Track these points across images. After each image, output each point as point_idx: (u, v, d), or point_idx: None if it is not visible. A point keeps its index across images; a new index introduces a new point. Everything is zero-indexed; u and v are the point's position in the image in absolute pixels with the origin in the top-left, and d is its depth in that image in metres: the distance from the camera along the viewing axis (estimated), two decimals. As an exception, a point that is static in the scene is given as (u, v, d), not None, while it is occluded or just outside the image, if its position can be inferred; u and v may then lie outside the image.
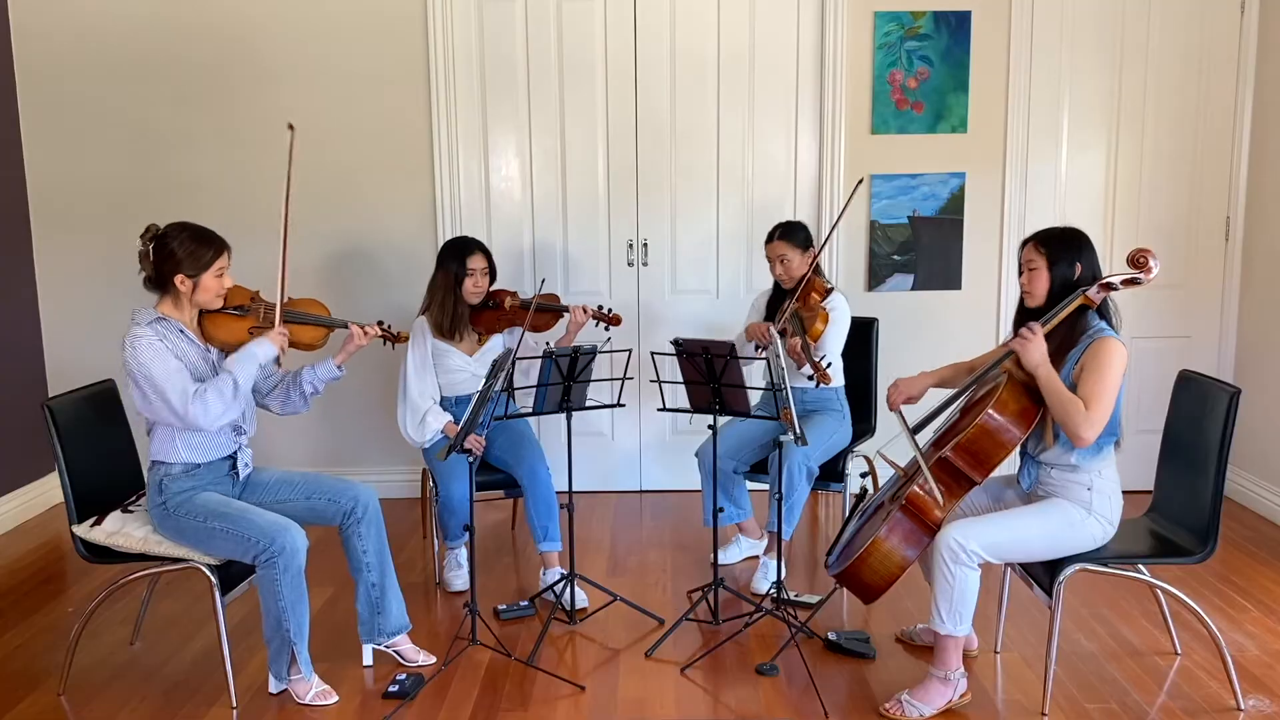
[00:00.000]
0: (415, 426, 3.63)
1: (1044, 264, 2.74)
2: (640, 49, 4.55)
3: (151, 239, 2.83)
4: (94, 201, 4.61)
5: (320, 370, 3.12)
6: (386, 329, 3.25)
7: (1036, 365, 2.65)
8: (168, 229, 2.83)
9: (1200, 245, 4.63)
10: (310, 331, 3.08)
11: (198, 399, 2.75)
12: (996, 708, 2.83)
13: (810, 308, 3.59)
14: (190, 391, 2.75)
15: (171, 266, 2.80)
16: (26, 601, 3.66)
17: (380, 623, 3.08)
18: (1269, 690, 2.91)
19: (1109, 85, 4.52)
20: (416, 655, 3.12)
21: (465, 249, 3.68)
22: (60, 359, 4.72)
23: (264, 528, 2.77)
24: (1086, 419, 2.57)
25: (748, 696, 2.91)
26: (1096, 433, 2.59)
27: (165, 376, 2.73)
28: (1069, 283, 2.72)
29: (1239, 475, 4.55)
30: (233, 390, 2.80)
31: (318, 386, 3.13)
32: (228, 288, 2.91)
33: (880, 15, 4.46)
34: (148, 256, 2.83)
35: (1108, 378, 2.59)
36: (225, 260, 2.88)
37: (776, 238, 3.74)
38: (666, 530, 4.34)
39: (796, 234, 3.74)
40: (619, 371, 3.53)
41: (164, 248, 2.80)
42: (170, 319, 2.84)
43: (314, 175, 4.59)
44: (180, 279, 2.81)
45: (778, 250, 3.73)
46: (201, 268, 2.82)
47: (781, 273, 3.74)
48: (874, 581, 2.79)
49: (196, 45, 4.50)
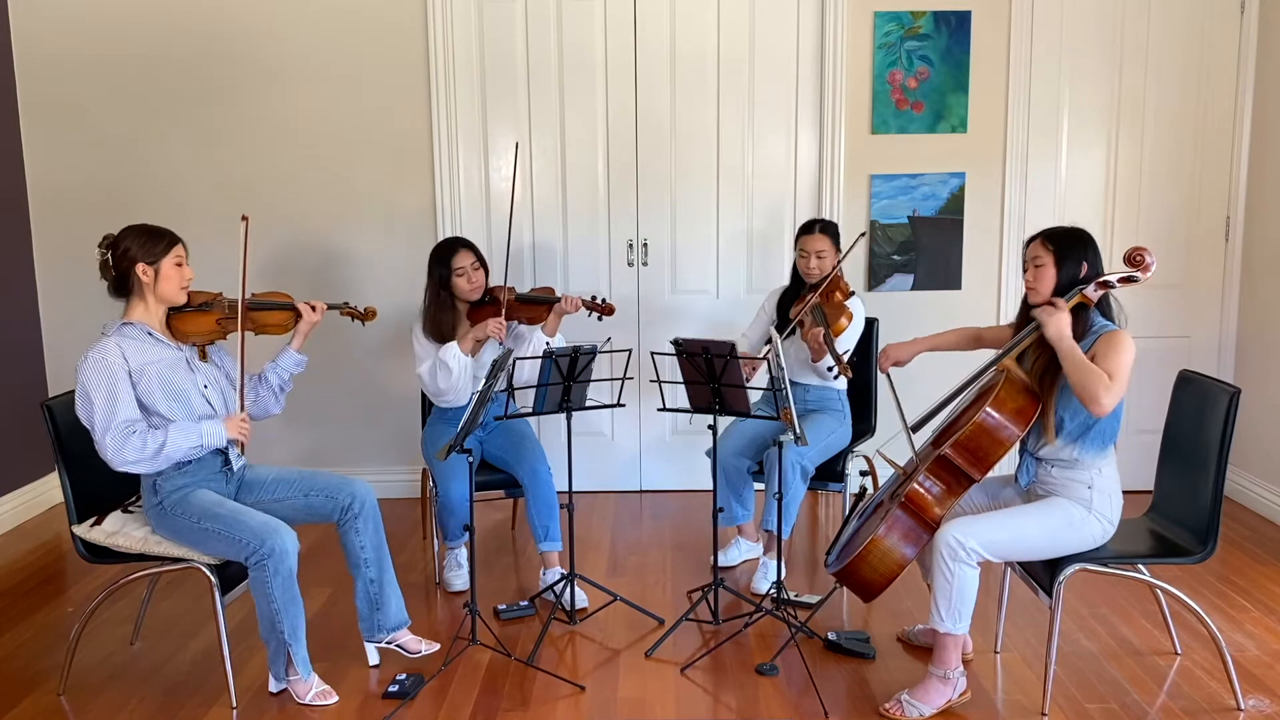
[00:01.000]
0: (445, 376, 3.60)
1: (1051, 261, 2.74)
2: (640, 49, 4.55)
3: (107, 246, 2.89)
4: (94, 201, 4.61)
5: (282, 360, 3.16)
6: (351, 308, 3.30)
7: (1059, 338, 2.64)
8: (119, 232, 2.90)
9: (1200, 245, 4.63)
10: (277, 315, 3.13)
11: (120, 435, 2.72)
12: (996, 708, 2.83)
13: (835, 304, 3.59)
14: (115, 422, 2.72)
15: (129, 261, 2.85)
16: (26, 601, 3.66)
17: (380, 619, 3.08)
18: (1269, 690, 2.91)
19: (1109, 85, 4.52)
20: (419, 646, 3.13)
21: (449, 250, 3.68)
22: (60, 359, 4.72)
23: (255, 529, 2.77)
24: (1109, 387, 2.56)
25: (748, 696, 2.91)
26: (1115, 401, 2.58)
27: (102, 402, 2.72)
28: (1074, 280, 2.73)
29: (1239, 475, 4.55)
30: (155, 448, 2.75)
31: (283, 378, 3.17)
32: (189, 278, 2.94)
33: (880, 15, 4.46)
34: (108, 264, 2.88)
35: (1124, 358, 2.60)
36: (181, 250, 2.92)
37: (818, 230, 3.69)
38: (666, 530, 4.34)
39: (832, 230, 3.72)
40: (619, 371, 3.53)
41: (119, 246, 2.87)
42: (138, 323, 2.86)
43: (314, 175, 4.59)
44: (141, 268, 2.85)
45: (817, 244, 3.67)
46: (159, 254, 2.86)
47: (816, 267, 3.69)
48: (873, 580, 2.79)
49: (197, 46, 4.50)
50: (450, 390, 3.62)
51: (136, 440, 2.74)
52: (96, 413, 2.73)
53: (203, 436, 2.83)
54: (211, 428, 2.85)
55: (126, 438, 2.73)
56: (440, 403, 3.72)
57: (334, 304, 3.28)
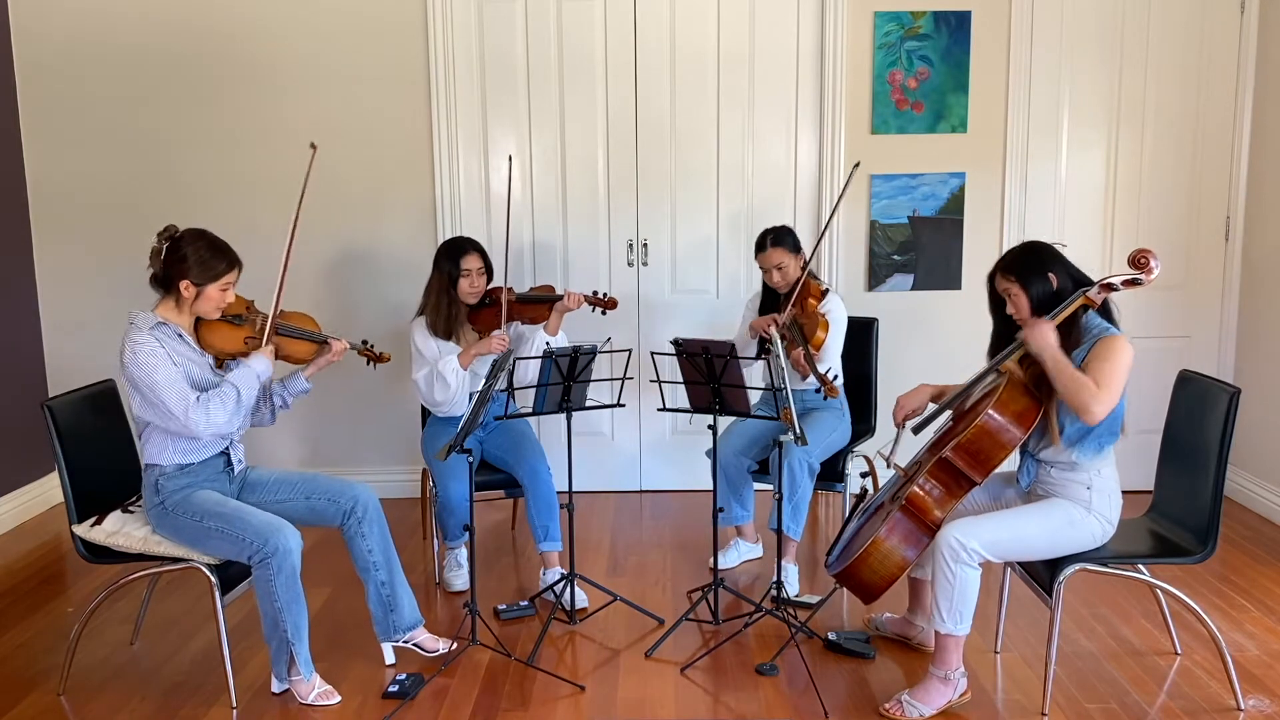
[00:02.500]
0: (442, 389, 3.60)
1: (1018, 288, 2.74)
2: (640, 49, 4.55)
3: (168, 239, 2.84)
4: (94, 201, 4.61)
5: (291, 384, 3.17)
6: (369, 349, 3.29)
7: (1043, 349, 2.64)
8: (185, 233, 2.85)
9: (1200, 245, 4.63)
10: (302, 346, 3.11)
11: (200, 406, 2.77)
12: (996, 708, 2.83)
13: (809, 314, 3.58)
14: (191, 398, 2.77)
15: (180, 270, 2.81)
16: (26, 601, 3.66)
17: (395, 620, 3.08)
18: (1269, 690, 2.91)
19: (1109, 85, 4.52)
20: (437, 645, 3.13)
21: (460, 249, 3.68)
22: (60, 359, 4.72)
23: (258, 528, 2.77)
24: (1096, 396, 2.56)
25: (748, 696, 2.91)
26: (1107, 410, 2.58)
27: (168, 382, 2.74)
28: (1050, 294, 2.72)
29: (1239, 475, 4.55)
30: (235, 401, 2.82)
31: (286, 400, 3.17)
32: (229, 302, 2.92)
33: (880, 15, 4.46)
34: (159, 255, 2.84)
35: (1117, 366, 2.59)
36: (234, 276, 2.89)
37: (770, 245, 3.67)
38: (666, 530, 4.34)
39: (787, 239, 3.69)
40: (619, 371, 3.53)
41: (177, 250, 2.82)
42: (169, 323, 2.85)
43: (314, 176, 4.57)
44: (186, 284, 2.82)
45: (773, 259, 3.67)
46: (210, 278, 2.83)
47: (779, 280, 3.69)
48: (873, 581, 2.79)
49: (197, 46, 4.50)
50: (446, 403, 3.63)
51: (216, 403, 2.79)
52: (168, 397, 2.73)
53: (255, 370, 2.90)
54: (258, 364, 2.91)
55: (207, 405, 2.77)
56: (437, 412, 3.72)
57: (354, 344, 3.24)
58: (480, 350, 3.58)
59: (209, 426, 2.78)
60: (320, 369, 3.17)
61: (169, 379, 2.74)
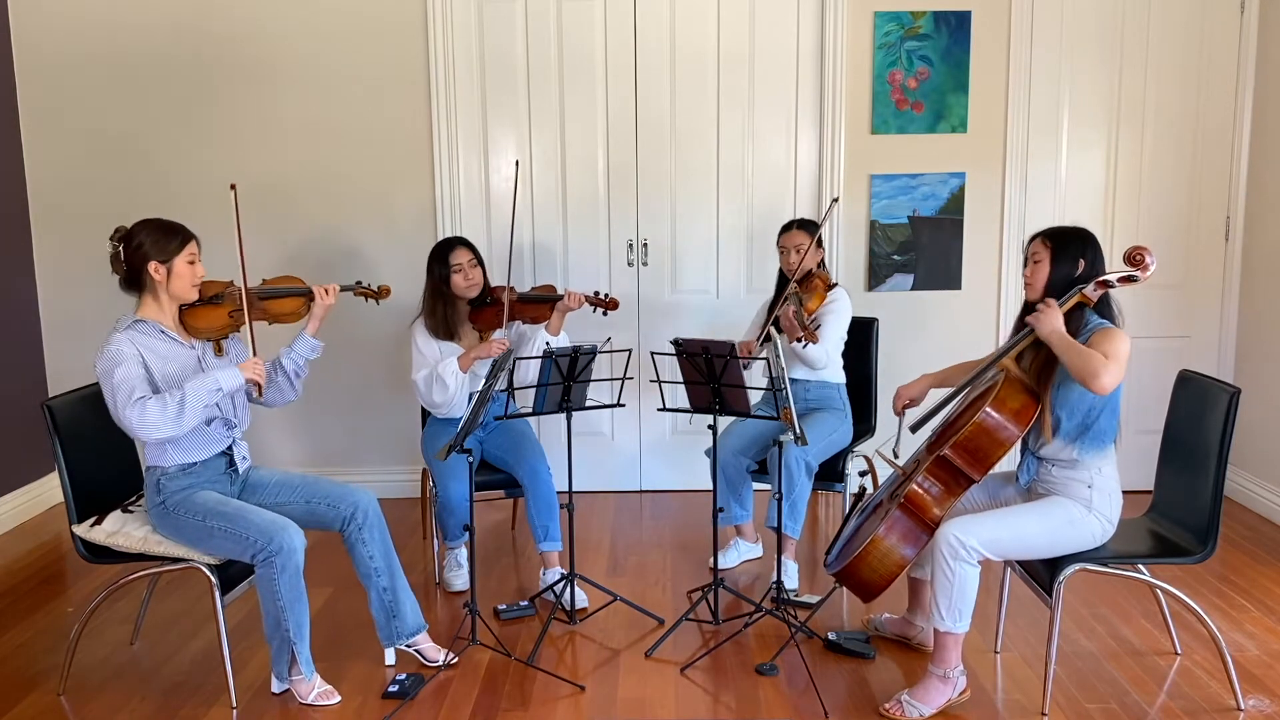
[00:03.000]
0: (441, 391, 3.61)
1: (1048, 257, 2.75)
2: (640, 49, 4.55)
3: (120, 238, 2.86)
4: (94, 201, 4.61)
5: (298, 346, 3.12)
6: (365, 287, 3.28)
7: (1051, 333, 2.65)
8: (132, 226, 2.87)
9: (1200, 245, 4.63)
10: (290, 302, 3.10)
11: (136, 405, 2.70)
12: (996, 707, 2.83)
13: (810, 287, 3.67)
14: (132, 397, 2.71)
15: (141, 257, 2.82)
16: (26, 601, 3.66)
17: (398, 626, 3.06)
18: (1269, 690, 2.91)
19: (1109, 85, 4.52)
20: (438, 654, 3.10)
21: (446, 248, 3.70)
22: (60, 359, 4.73)
23: (262, 527, 2.77)
24: (1105, 365, 2.55)
25: (748, 696, 2.91)
26: (1115, 381, 2.57)
27: (120, 379, 2.71)
28: (1070, 279, 2.73)
29: (1239, 475, 4.55)
30: (177, 407, 2.72)
31: (299, 364, 3.13)
32: (201, 276, 2.92)
33: (880, 15, 4.46)
34: (119, 257, 2.85)
35: (1120, 347, 2.59)
36: (194, 247, 2.89)
37: (795, 228, 3.80)
38: (666, 530, 4.34)
39: (810, 226, 3.80)
40: (619, 371, 3.54)
41: (132, 241, 2.83)
42: (150, 320, 2.85)
43: (314, 175, 4.59)
44: (154, 266, 2.82)
45: (795, 239, 3.77)
46: (172, 253, 2.83)
47: (795, 261, 3.75)
48: (873, 580, 2.80)
49: (197, 47, 4.50)
50: (445, 404, 3.63)
51: (153, 404, 2.71)
52: (112, 393, 2.71)
53: (219, 382, 2.80)
54: (227, 372, 2.83)
55: (144, 406, 2.70)
56: (436, 413, 3.72)
57: (346, 285, 3.24)
58: (480, 354, 3.58)
59: (142, 428, 2.71)
60: (321, 321, 3.14)
61: (123, 376, 2.71)
